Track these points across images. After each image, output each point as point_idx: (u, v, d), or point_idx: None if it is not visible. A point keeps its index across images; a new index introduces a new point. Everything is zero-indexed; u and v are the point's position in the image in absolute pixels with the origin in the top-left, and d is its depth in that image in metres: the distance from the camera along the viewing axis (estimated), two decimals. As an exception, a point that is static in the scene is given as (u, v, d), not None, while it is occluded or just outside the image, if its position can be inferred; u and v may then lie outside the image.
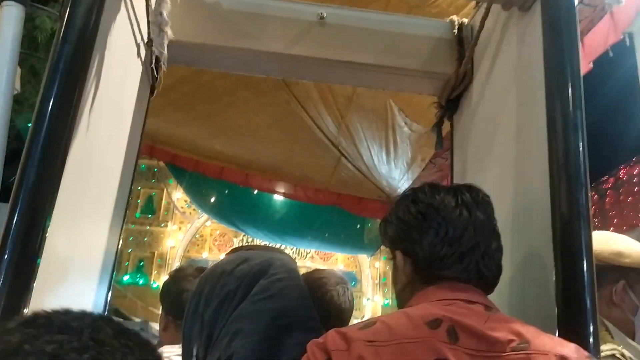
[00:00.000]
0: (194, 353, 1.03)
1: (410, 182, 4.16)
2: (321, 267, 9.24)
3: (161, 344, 1.84)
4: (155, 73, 1.47)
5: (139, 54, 1.34)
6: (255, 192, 5.07)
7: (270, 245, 6.00)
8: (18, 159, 0.83)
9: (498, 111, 1.32)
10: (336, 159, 4.10)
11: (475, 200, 1.07)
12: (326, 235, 5.58)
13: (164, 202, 8.71)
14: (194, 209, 8.18)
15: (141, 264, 8.68)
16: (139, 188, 8.71)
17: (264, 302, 1.02)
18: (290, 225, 5.40)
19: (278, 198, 5.09)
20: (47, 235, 0.82)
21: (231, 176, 4.66)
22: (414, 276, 1.07)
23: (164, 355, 1.67)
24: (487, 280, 1.04)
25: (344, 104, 3.48)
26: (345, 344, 0.91)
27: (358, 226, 5.52)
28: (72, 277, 1.05)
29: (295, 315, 1.04)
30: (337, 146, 3.96)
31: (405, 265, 1.09)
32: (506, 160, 1.24)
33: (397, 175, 4.15)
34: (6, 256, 0.77)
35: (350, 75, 1.66)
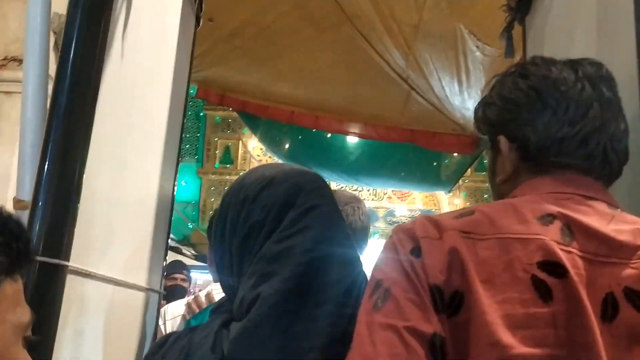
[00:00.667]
0: (231, 283, 0.96)
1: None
2: (399, 207, 9.16)
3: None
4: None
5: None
6: (328, 135, 5.04)
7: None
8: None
9: (575, 5, 1.16)
10: (406, 93, 3.96)
11: (599, 74, 0.89)
12: (402, 174, 5.48)
13: (240, 151, 8.88)
14: (269, 157, 8.29)
15: (224, 212, 8.95)
16: (216, 139, 8.92)
17: (294, 237, 0.89)
18: (365, 166, 5.35)
19: (351, 140, 5.03)
20: (84, 176, 0.80)
21: (301, 120, 4.64)
22: (522, 165, 0.91)
23: (212, 293, 1.72)
24: (611, 168, 0.87)
25: (410, 33, 3.31)
26: (437, 232, 0.78)
27: (434, 163, 5.38)
28: (121, 223, 1.04)
29: (330, 247, 0.91)
30: (405, 80, 3.81)
31: (511, 152, 0.92)
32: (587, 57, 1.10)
33: (471, 106, 3.94)
34: (41, 194, 0.75)
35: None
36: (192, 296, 1.77)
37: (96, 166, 0.85)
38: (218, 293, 1.72)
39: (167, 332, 1.72)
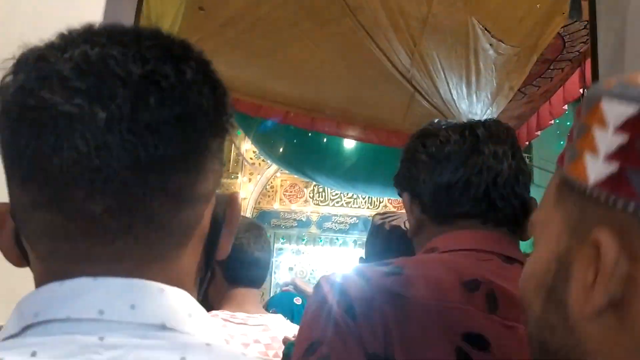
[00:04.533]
0: None
1: (495, 117, 3.70)
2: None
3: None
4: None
5: None
6: (325, 139, 4.80)
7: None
8: None
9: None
10: (409, 95, 3.71)
11: (490, 133, 0.92)
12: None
13: (232, 153, 8.58)
14: (263, 160, 8.04)
15: (214, 216, 8.66)
16: (208, 141, 8.66)
17: None
18: (362, 172, 5.10)
19: (349, 144, 4.79)
20: None
21: (297, 120, 4.40)
22: (423, 217, 0.94)
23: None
24: (503, 215, 0.88)
25: (417, 27, 3.06)
26: (371, 292, 0.74)
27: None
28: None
29: None
30: (409, 80, 3.56)
31: (412, 205, 0.97)
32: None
33: (480, 110, 3.70)
34: None
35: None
36: None
37: None
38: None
39: None
